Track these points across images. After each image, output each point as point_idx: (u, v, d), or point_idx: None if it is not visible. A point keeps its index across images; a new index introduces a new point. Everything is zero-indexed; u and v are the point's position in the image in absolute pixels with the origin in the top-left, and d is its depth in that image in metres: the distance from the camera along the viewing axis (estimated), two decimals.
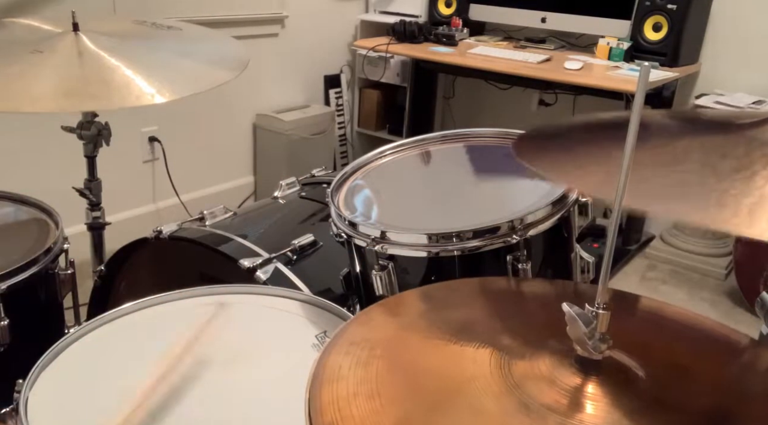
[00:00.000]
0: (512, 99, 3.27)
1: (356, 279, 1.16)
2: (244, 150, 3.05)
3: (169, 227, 1.35)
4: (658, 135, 0.70)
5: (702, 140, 0.67)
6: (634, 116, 0.54)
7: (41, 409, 0.79)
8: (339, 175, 1.21)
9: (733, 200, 0.55)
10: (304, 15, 3.08)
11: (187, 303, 1.03)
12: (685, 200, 0.57)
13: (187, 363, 0.88)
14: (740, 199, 0.55)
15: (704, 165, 0.61)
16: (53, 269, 1.20)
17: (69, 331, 0.94)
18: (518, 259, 1.01)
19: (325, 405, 0.58)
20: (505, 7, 3.04)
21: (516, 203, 1.06)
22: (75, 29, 1.31)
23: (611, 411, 0.58)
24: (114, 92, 1.19)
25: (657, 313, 0.77)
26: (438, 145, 1.33)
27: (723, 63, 2.76)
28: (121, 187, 2.47)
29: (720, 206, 0.54)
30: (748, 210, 0.53)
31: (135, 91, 1.20)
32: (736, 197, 0.55)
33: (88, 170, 1.52)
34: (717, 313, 2.40)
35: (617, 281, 2.59)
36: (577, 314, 0.59)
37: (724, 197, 0.55)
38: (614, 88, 2.45)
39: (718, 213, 0.54)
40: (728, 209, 0.54)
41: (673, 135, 0.70)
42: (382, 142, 1.88)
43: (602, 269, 0.59)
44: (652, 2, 2.60)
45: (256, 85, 2.93)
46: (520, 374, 0.62)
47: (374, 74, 3.30)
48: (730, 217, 0.53)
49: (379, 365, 0.63)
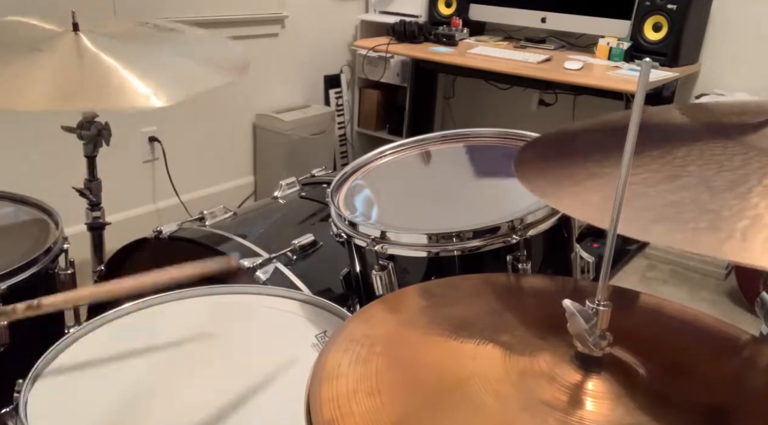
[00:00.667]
0: (512, 99, 3.28)
1: (356, 279, 1.16)
2: (244, 150, 3.05)
3: (169, 227, 1.35)
4: (659, 142, 0.70)
5: (699, 148, 0.66)
6: (634, 114, 0.54)
7: (41, 409, 0.79)
8: (339, 175, 1.21)
9: (726, 223, 0.55)
10: (304, 15, 3.08)
11: (187, 303, 1.03)
12: (678, 223, 0.56)
13: (187, 363, 0.88)
14: (734, 222, 0.55)
15: (700, 180, 0.61)
16: (53, 269, 1.20)
17: (69, 331, 0.94)
18: (518, 259, 1.01)
19: (325, 403, 0.58)
20: (505, 7, 3.04)
21: (516, 203, 1.06)
22: (75, 29, 1.31)
23: (612, 408, 0.58)
24: (112, 95, 1.19)
25: (657, 310, 0.77)
26: (438, 145, 1.33)
27: (723, 63, 2.76)
28: (121, 187, 2.48)
29: (713, 229, 0.54)
30: (741, 235, 0.53)
31: (133, 94, 1.19)
32: (730, 219, 0.55)
33: (88, 170, 1.52)
34: (717, 313, 2.40)
35: (617, 281, 2.58)
36: (577, 311, 0.59)
37: (717, 219, 0.55)
38: (614, 88, 2.45)
39: (711, 237, 0.54)
40: (722, 232, 0.54)
41: (674, 141, 0.70)
42: (382, 142, 1.88)
43: (603, 265, 0.59)
44: (652, 2, 2.60)
45: (256, 85, 2.93)
46: (521, 370, 0.62)
47: (374, 74, 3.30)
48: (723, 242, 0.53)
49: (379, 362, 0.63)
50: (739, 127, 0.71)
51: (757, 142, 0.66)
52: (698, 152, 0.66)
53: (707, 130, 0.74)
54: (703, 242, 0.54)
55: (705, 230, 0.55)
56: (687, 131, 0.77)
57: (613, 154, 0.67)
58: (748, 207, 0.56)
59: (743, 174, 0.60)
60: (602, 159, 0.71)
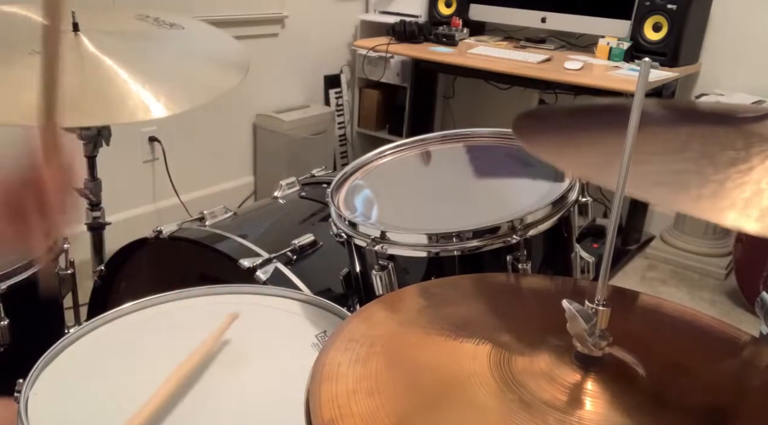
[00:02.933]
0: (512, 99, 3.27)
1: (356, 279, 1.16)
2: (244, 150, 3.05)
3: (169, 227, 1.35)
4: (659, 123, 0.70)
5: (702, 130, 0.67)
6: (634, 113, 0.54)
7: (41, 409, 0.79)
8: (339, 175, 1.21)
9: (729, 192, 0.55)
10: (304, 15, 3.08)
11: (187, 303, 1.03)
12: (682, 189, 0.56)
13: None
14: (737, 192, 0.55)
15: (703, 155, 0.61)
16: (53, 269, 1.20)
17: (69, 331, 0.94)
18: (518, 259, 1.01)
19: (325, 403, 0.58)
20: (505, 7, 3.04)
21: (516, 203, 1.06)
22: (75, 29, 1.31)
23: (611, 408, 0.58)
24: (114, 108, 1.17)
25: (657, 310, 0.77)
26: (438, 145, 1.33)
27: (723, 63, 2.76)
28: (121, 187, 2.48)
29: (717, 197, 0.54)
30: (744, 204, 0.53)
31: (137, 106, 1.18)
32: (733, 190, 0.55)
33: (88, 170, 1.52)
34: (717, 313, 2.40)
35: (617, 282, 2.58)
36: (577, 311, 0.59)
37: (721, 189, 0.55)
38: (614, 88, 2.45)
39: (715, 204, 0.54)
40: (724, 200, 0.54)
41: (674, 124, 0.70)
42: (382, 142, 1.88)
43: (602, 265, 0.59)
44: (652, 2, 2.60)
45: (256, 85, 2.93)
46: (520, 370, 0.62)
47: (374, 74, 3.30)
48: (726, 209, 0.53)
49: (379, 361, 0.63)
50: (740, 119, 0.71)
51: (759, 130, 0.66)
52: (701, 134, 0.66)
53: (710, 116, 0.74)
54: (705, 207, 0.54)
55: (708, 197, 0.55)
56: (690, 115, 0.77)
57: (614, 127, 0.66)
58: (750, 182, 0.56)
59: (745, 155, 0.60)
60: (603, 129, 0.70)
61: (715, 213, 0.53)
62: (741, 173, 0.57)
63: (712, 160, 0.60)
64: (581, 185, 1.10)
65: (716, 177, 0.57)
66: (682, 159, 0.61)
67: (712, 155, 0.61)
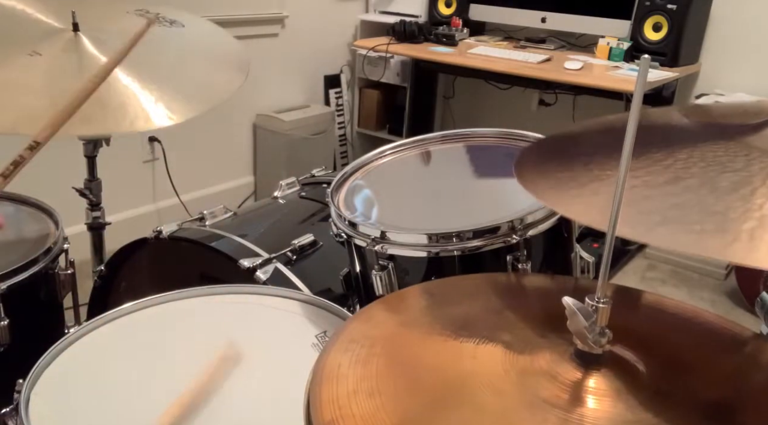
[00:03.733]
0: (512, 99, 3.28)
1: (356, 279, 1.16)
2: (244, 150, 3.05)
3: (169, 227, 1.35)
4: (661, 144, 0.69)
5: (701, 150, 0.66)
6: (633, 113, 0.54)
7: (42, 409, 0.79)
8: (339, 175, 1.21)
9: (732, 224, 0.54)
10: (304, 15, 3.08)
11: (187, 303, 1.02)
12: (684, 227, 0.56)
13: (187, 362, 0.88)
14: (740, 224, 0.54)
15: (703, 182, 0.60)
16: (53, 269, 1.20)
17: (69, 331, 0.94)
18: (518, 259, 1.01)
19: (325, 404, 0.58)
20: (505, 7, 3.04)
21: (516, 203, 1.06)
22: (75, 29, 1.30)
23: (612, 405, 0.58)
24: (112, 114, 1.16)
25: (657, 307, 0.77)
26: (438, 145, 1.33)
27: (723, 63, 2.76)
28: (121, 187, 2.48)
29: (719, 231, 0.54)
30: (748, 236, 0.53)
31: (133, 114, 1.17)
32: (736, 221, 0.54)
33: (88, 170, 1.52)
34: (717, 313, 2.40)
35: (617, 282, 2.58)
36: (577, 308, 0.59)
37: (723, 221, 0.55)
38: (614, 88, 2.45)
39: (718, 239, 0.53)
40: (728, 234, 0.53)
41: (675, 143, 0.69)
42: (382, 142, 1.88)
43: (602, 262, 0.59)
44: (652, 2, 2.60)
45: (256, 85, 2.93)
46: (521, 369, 0.62)
47: (374, 74, 3.30)
48: (730, 244, 0.53)
49: (379, 362, 0.63)
50: (739, 128, 0.71)
51: (758, 143, 0.66)
52: (700, 154, 0.66)
53: (708, 131, 0.74)
54: (709, 245, 0.53)
55: (711, 233, 0.54)
56: (688, 133, 0.76)
57: (615, 156, 0.66)
58: (753, 208, 0.55)
59: (746, 175, 0.60)
60: (605, 161, 0.70)
61: (719, 250, 0.53)
62: (743, 200, 0.57)
63: (713, 187, 0.59)
64: None
65: (717, 208, 0.56)
66: (683, 189, 0.60)
67: (712, 181, 0.60)
